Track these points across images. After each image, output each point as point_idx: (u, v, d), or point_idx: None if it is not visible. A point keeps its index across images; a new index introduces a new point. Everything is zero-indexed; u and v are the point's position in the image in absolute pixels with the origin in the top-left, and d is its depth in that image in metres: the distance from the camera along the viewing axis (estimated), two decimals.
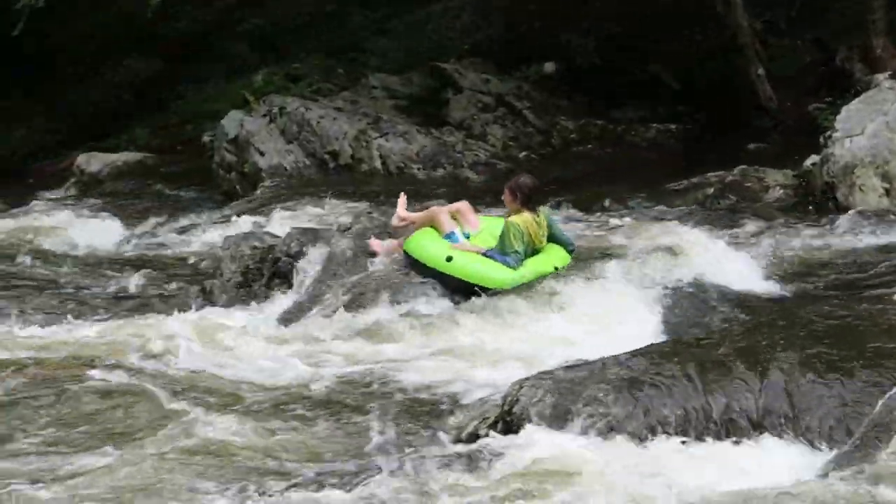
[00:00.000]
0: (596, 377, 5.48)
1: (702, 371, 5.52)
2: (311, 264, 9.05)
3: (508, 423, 5.40)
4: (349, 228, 9.49)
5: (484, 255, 8.28)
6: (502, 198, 8.51)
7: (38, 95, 19.09)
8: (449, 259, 8.19)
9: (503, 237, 8.21)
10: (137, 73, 18.42)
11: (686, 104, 15.31)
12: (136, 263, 10.86)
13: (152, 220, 13.48)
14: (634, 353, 5.84)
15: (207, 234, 12.14)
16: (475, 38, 16.51)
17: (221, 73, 18.48)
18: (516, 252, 8.13)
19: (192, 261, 11.10)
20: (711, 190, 11.92)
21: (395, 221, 9.03)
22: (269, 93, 16.12)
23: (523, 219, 8.26)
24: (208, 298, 9.29)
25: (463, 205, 8.87)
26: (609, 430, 5.19)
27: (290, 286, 8.94)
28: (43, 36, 18.21)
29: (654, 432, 5.18)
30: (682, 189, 12.19)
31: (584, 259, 8.44)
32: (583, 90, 15.83)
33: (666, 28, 15.41)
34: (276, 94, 15.93)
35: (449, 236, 8.49)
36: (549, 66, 16.27)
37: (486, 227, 8.67)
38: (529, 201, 8.35)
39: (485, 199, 11.49)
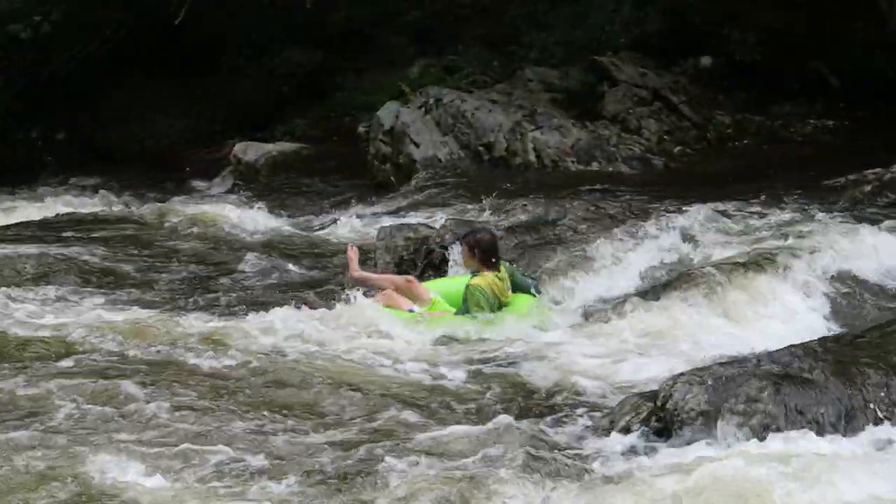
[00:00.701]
0: (750, 374, 5.43)
1: (857, 369, 5.45)
2: None
3: (661, 418, 5.39)
4: (503, 220, 9.58)
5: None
6: (459, 252, 8.38)
7: (198, 85, 19.60)
8: None
9: (466, 302, 7.90)
10: (297, 65, 18.74)
11: (846, 101, 15.02)
12: (291, 253, 11.00)
13: (307, 210, 13.76)
14: (789, 350, 5.77)
15: (362, 225, 12.32)
16: (634, 33, 16.40)
17: (378, 64, 18.69)
18: (482, 312, 7.80)
19: (344, 250, 11.18)
20: (869, 187, 11.64)
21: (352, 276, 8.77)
22: (425, 84, 16.31)
23: (486, 280, 7.91)
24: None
25: (407, 282, 8.39)
26: (764, 429, 5.14)
27: (443, 277, 9.05)
28: (203, 26, 18.70)
29: (809, 430, 5.12)
30: (839, 186, 11.94)
31: (738, 255, 8.40)
32: (740, 85, 15.64)
33: (827, 24, 15.12)
34: (433, 85, 16.10)
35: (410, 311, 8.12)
36: (705, 60, 16.11)
37: (440, 289, 8.39)
38: (489, 259, 7.97)
39: (637, 194, 11.46)
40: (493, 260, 7.97)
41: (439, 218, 11.16)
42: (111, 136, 19.59)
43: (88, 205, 15.23)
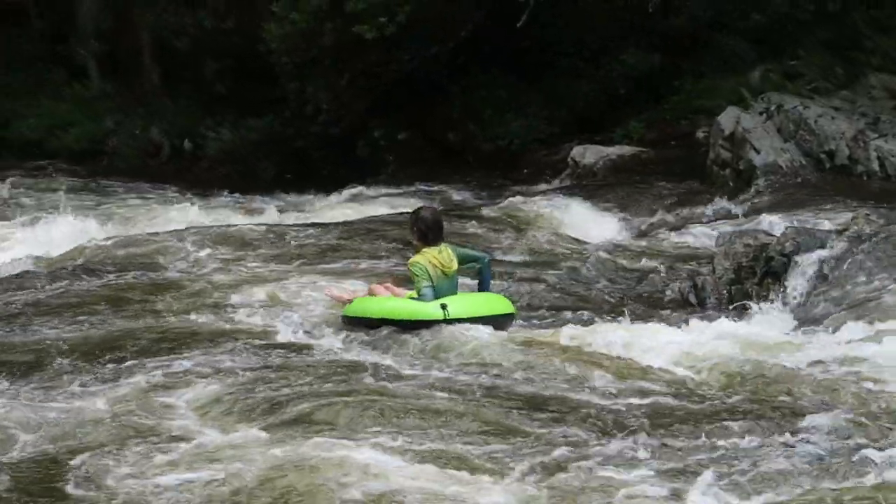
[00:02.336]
0: None
1: None
2: (805, 265, 9.17)
3: None
4: (846, 230, 9.51)
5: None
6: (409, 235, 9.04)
7: (536, 86, 20.09)
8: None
9: (412, 280, 8.59)
10: (635, 67, 18.91)
11: None
12: (627, 256, 11.25)
13: (643, 214, 13.94)
14: None
15: (699, 230, 12.42)
16: None
17: (718, 68, 18.66)
18: (427, 287, 8.39)
19: (682, 256, 11.33)
20: None
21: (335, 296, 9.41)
22: (765, 90, 16.21)
23: (424, 256, 8.54)
24: (700, 294, 9.63)
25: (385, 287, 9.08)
26: None
27: (784, 286, 9.10)
28: (544, 28, 19.17)
29: None
30: None
31: None
32: None
33: None
34: (774, 91, 15.98)
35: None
36: None
37: None
38: (427, 237, 8.61)
39: None
40: (432, 236, 8.65)
41: (779, 225, 11.15)
42: (451, 136, 20.35)
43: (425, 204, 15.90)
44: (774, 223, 11.51)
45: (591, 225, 12.96)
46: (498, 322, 8.39)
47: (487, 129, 19.88)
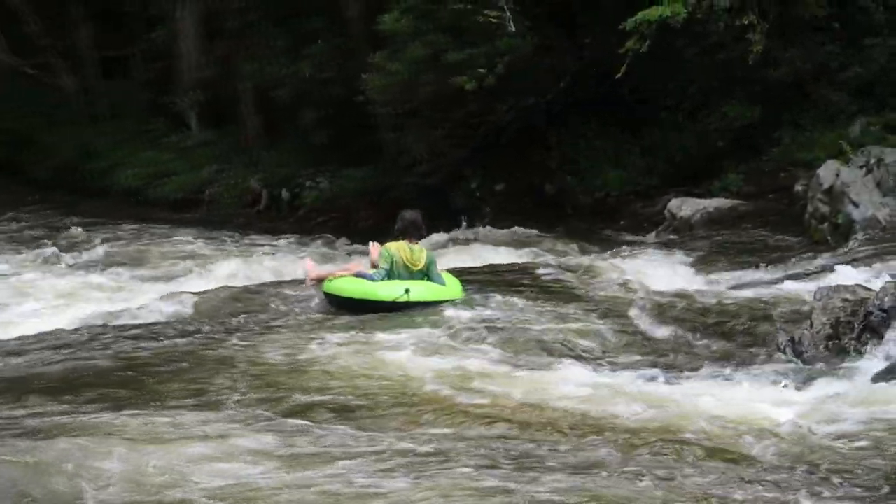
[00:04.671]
0: None
1: None
2: None
3: None
4: None
5: (355, 275, 10.86)
6: None
7: (635, 138, 20.33)
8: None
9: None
10: (734, 120, 19.03)
11: None
12: (724, 309, 11.37)
13: (740, 267, 14.03)
14: None
15: (796, 284, 12.46)
16: None
17: (817, 120, 18.75)
18: (383, 269, 10.60)
19: (779, 310, 11.36)
20: None
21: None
22: (865, 143, 16.28)
23: (397, 245, 10.78)
24: (797, 349, 9.73)
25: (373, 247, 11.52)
26: None
27: (882, 341, 9.20)
28: (643, 79, 19.42)
29: None
30: None
31: None
32: None
33: None
34: (874, 144, 16.05)
35: (359, 274, 10.93)
36: None
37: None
38: (404, 232, 10.92)
39: None
40: (407, 233, 10.85)
41: (878, 280, 11.21)
42: (548, 186, 20.63)
43: (522, 254, 16.19)
44: (873, 278, 11.57)
45: (689, 277, 13.10)
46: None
47: (585, 180, 20.14)
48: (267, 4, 25.50)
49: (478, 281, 12.63)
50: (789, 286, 12.37)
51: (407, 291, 10.35)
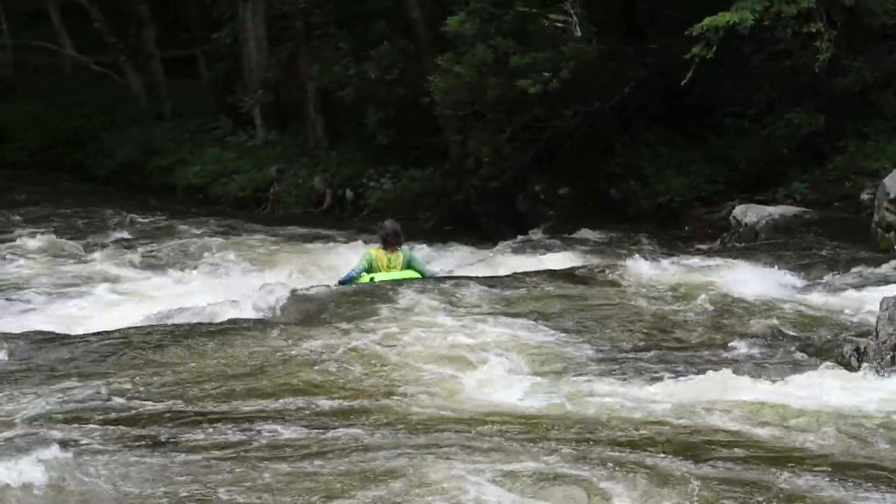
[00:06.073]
0: None
1: None
2: None
3: None
4: None
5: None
6: None
7: (699, 144, 20.51)
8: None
9: None
10: (799, 127, 19.14)
11: None
12: (788, 317, 11.57)
13: (806, 275, 14.15)
14: None
15: (862, 293, 12.60)
16: None
17: (883, 129, 18.85)
18: (361, 266, 12.79)
19: (844, 319, 11.57)
20: None
21: None
22: None
23: (375, 251, 12.84)
24: (862, 358, 9.90)
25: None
26: None
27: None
28: (708, 86, 19.62)
29: None
30: None
31: None
32: None
33: None
34: None
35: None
36: None
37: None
38: (384, 241, 12.90)
39: None
40: (387, 241, 12.83)
41: None
42: (612, 192, 20.88)
43: (585, 259, 16.42)
44: None
45: (753, 284, 13.23)
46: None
47: (649, 186, 20.35)
48: (331, 6, 25.86)
49: (540, 285, 12.93)
50: (855, 295, 12.51)
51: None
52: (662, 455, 7.01)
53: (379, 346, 9.88)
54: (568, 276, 13.66)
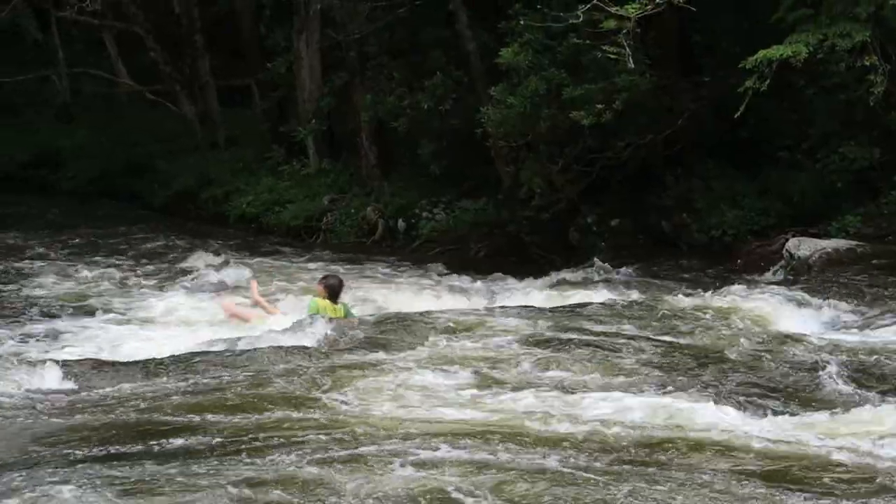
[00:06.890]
0: None
1: None
2: None
3: None
4: None
5: None
6: (315, 286, 14.28)
7: (752, 177, 20.54)
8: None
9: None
10: (853, 161, 19.13)
11: None
12: (845, 352, 11.64)
13: (862, 309, 14.19)
14: None
15: None
16: None
17: None
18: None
19: None
20: None
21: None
22: None
23: (324, 303, 13.63)
24: None
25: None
26: None
27: None
28: (761, 119, 19.67)
29: None
30: None
31: None
32: None
33: None
34: None
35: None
36: None
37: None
38: (332, 296, 13.79)
39: None
40: (333, 295, 13.80)
41: None
42: (664, 225, 20.94)
43: (638, 292, 16.52)
44: None
45: (808, 319, 13.30)
46: None
47: (701, 219, 20.38)
48: (386, 37, 26.14)
49: (597, 317, 13.07)
50: None
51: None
52: None
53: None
54: (627, 307, 13.80)
